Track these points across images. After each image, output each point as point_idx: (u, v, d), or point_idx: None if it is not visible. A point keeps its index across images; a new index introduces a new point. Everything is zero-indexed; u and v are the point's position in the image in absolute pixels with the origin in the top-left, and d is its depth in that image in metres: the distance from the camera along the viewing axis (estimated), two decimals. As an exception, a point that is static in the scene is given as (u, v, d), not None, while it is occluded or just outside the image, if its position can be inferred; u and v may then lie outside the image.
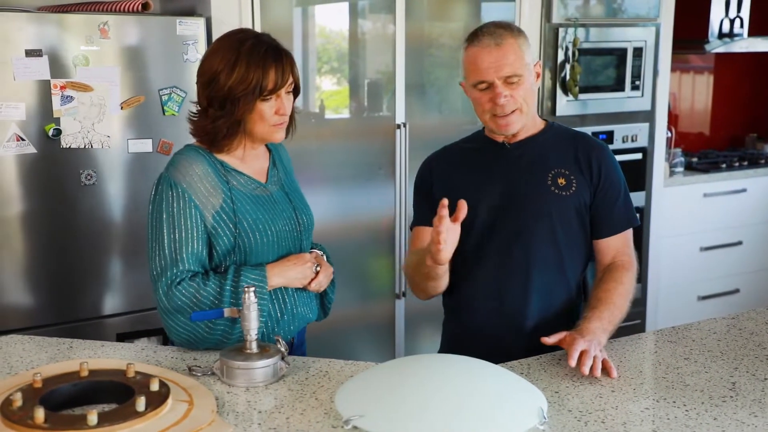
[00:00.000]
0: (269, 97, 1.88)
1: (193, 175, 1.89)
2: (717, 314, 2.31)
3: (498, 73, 1.95)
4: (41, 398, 1.52)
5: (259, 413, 1.58)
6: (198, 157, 1.92)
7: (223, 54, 1.87)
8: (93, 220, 2.89)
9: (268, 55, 1.87)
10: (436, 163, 2.16)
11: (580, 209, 2.04)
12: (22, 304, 2.84)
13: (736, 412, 1.58)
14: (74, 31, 2.77)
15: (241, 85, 1.84)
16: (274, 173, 2.05)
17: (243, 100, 1.86)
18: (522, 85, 1.96)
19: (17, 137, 2.73)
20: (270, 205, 1.98)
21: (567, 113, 3.84)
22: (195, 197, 1.88)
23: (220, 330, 1.87)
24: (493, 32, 1.97)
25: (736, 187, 4.56)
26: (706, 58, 5.13)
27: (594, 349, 1.77)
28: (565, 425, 1.52)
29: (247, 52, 1.85)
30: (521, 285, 2.02)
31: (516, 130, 2.03)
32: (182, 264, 1.86)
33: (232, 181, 1.93)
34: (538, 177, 2.03)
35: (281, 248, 1.98)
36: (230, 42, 1.89)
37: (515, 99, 1.97)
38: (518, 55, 1.95)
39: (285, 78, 1.88)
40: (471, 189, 2.04)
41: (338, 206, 3.50)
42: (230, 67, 1.85)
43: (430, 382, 1.55)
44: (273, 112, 1.90)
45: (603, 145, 2.13)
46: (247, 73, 1.84)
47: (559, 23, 3.78)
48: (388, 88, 3.50)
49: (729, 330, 2.06)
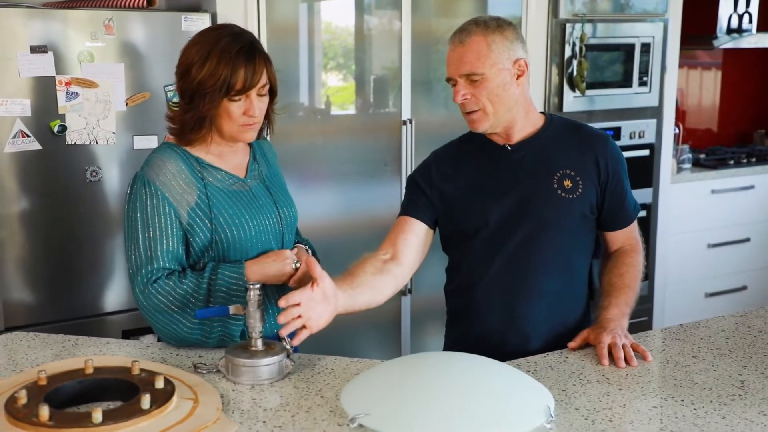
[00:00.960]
0: (237, 98, 1.86)
1: (166, 173, 1.88)
2: (724, 311, 2.30)
3: (458, 71, 1.93)
4: (46, 396, 1.51)
5: (265, 411, 1.58)
6: (172, 155, 1.92)
7: (199, 47, 1.86)
8: (98, 217, 2.89)
9: (241, 54, 1.84)
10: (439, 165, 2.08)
11: (588, 211, 2.01)
12: (28, 300, 2.84)
13: (745, 410, 1.57)
14: (79, 27, 2.77)
15: (209, 80, 1.83)
16: (254, 168, 2.04)
17: (209, 96, 1.84)
18: (485, 85, 1.91)
19: (22, 134, 2.72)
20: (248, 200, 1.97)
21: (574, 109, 3.82)
22: (168, 195, 1.87)
23: (198, 330, 1.87)
24: (464, 29, 1.95)
25: (743, 184, 4.53)
26: (714, 53, 5.10)
27: (620, 339, 1.83)
28: (572, 424, 1.51)
29: (220, 48, 1.84)
30: (528, 291, 2.00)
31: (485, 130, 1.98)
32: (157, 262, 1.85)
33: (207, 177, 1.92)
34: (544, 180, 1.99)
35: (261, 243, 1.97)
36: (209, 36, 1.89)
37: (477, 99, 1.93)
38: (482, 54, 1.90)
39: (255, 79, 1.86)
40: (476, 195, 2.01)
41: (344, 203, 3.49)
42: (202, 60, 1.84)
43: (436, 380, 1.54)
44: (241, 112, 1.88)
45: (605, 135, 2.09)
46: (216, 69, 1.83)
47: (567, 19, 3.76)
48: (394, 85, 3.49)
49: (737, 328, 2.05)
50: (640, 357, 1.82)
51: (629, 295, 2.00)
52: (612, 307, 1.95)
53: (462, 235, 2.05)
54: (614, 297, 1.98)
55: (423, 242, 2.05)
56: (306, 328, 1.69)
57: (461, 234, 2.05)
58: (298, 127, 3.33)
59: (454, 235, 2.08)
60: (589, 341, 1.89)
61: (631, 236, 2.12)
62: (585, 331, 1.91)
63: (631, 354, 1.80)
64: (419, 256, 2.05)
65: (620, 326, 1.89)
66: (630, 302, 1.99)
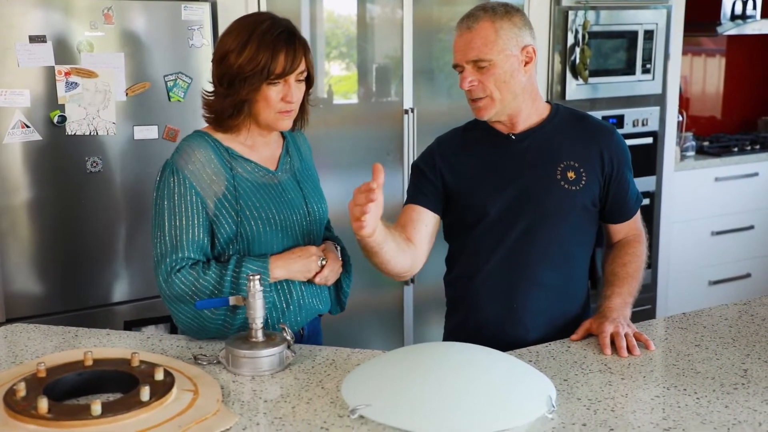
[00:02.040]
0: (277, 82, 1.86)
1: (195, 161, 1.88)
2: (728, 299, 2.29)
3: (465, 57, 1.91)
4: (45, 388, 1.51)
5: (265, 402, 1.57)
6: (203, 143, 1.91)
7: (237, 33, 1.86)
8: (98, 208, 2.88)
9: (281, 38, 1.84)
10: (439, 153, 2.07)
11: (590, 203, 2.00)
12: (30, 292, 2.83)
13: (748, 399, 1.56)
14: (78, 17, 2.75)
15: (249, 65, 1.83)
16: (286, 161, 2.03)
17: (249, 81, 1.84)
18: (492, 72, 1.90)
19: (22, 124, 2.71)
20: (277, 194, 1.95)
21: (577, 97, 3.80)
22: (197, 184, 1.86)
23: (221, 319, 1.86)
24: (471, 15, 1.92)
25: (747, 171, 4.52)
26: (718, 40, 5.07)
27: (623, 328, 1.83)
28: (574, 413, 1.50)
29: (260, 33, 1.84)
30: (527, 282, 1.99)
31: (490, 118, 1.97)
32: (182, 251, 1.84)
33: (237, 168, 1.91)
34: (548, 171, 1.98)
35: (288, 238, 1.95)
36: (246, 22, 1.89)
37: (484, 86, 1.91)
38: (489, 39, 1.88)
39: (295, 64, 1.86)
40: (479, 184, 2.00)
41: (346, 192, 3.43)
42: (241, 46, 1.84)
43: (437, 371, 1.53)
44: (279, 97, 1.87)
45: (610, 127, 2.08)
46: (256, 54, 1.82)
47: (569, 6, 3.73)
48: (396, 74, 3.48)
49: (740, 316, 2.04)
50: (642, 346, 1.81)
51: (632, 285, 2.00)
52: (615, 296, 1.95)
53: (463, 224, 2.04)
54: (617, 287, 1.98)
55: (432, 231, 2.04)
56: (363, 220, 1.76)
57: (462, 223, 2.04)
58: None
59: (456, 224, 2.07)
60: (591, 331, 1.89)
61: (634, 227, 2.12)
62: (587, 322, 1.90)
63: (634, 343, 1.80)
64: (429, 245, 2.04)
65: (623, 315, 1.89)
66: (633, 292, 1.99)
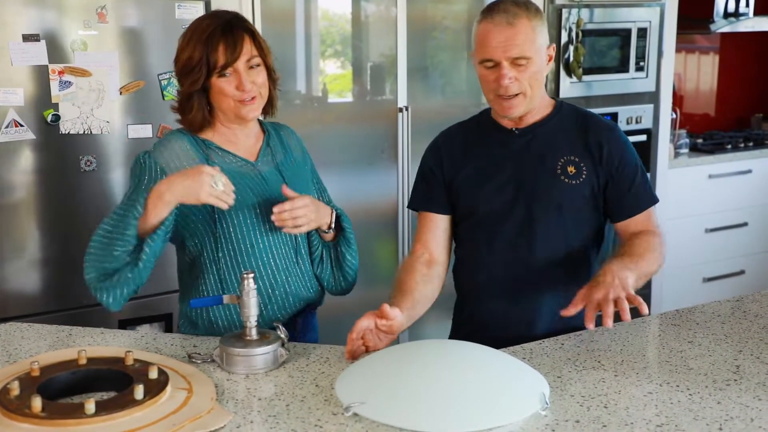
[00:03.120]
0: (225, 73, 1.90)
1: (170, 152, 1.93)
2: (722, 296, 2.29)
3: (506, 54, 1.90)
4: (39, 387, 1.51)
5: (259, 400, 1.57)
6: (181, 137, 1.97)
7: (184, 35, 1.94)
8: (93, 207, 2.87)
9: (216, 31, 1.89)
10: (444, 148, 2.10)
11: (591, 197, 1.99)
12: (24, 291, 2.83)
13: (741, 395, 1.57)
14: (72, 16, 2.75)
15: (189, 62, 1.90)
16: (267, 153, 2.04)
17: (191, 75, 1.90)
18: (529, 69, 1.91)
19: (15, 123, 2.71)
20: (256, 183, 1.96)
21: (571, 95, 3.81)
22: (168, 171, 1.88)
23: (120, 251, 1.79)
24: (508, 9, 1.91)
25: (741, 168, 4.52)
26: (712, 38, 5.08)
27: (613, 291, 1.66)
28: (567, 410, 1.51)
29: (199, 30, 1.90)
30: (530, 276, 2.00)
31: (519, 114, 1.98)
32: None
33: (213, 158, 1.94)
34: (548, 166, 1.99)
35: (270, 228, 1.95)
36: (194, 23, 1.96)
37: (520, 82, 1.92)
38: (530, 37, 1.89)
39: (237, 53, 1.89)
40: (482, 179, 2.02)
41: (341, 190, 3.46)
42: (185, 44, 1.91)
43: (431, 369, 1.54)
44: (233, 87, 1.91)
45: (612, 125, 2.08)
46: (194, 50, 1.89)
47: (563, 4, 3.74)
48: (390, 72, 3.48)
49: (733, 312, 2.05)
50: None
51: (638, 262, 1.81)
52: (615, 262, 1.79)
53: (467, 218, 2.06)
54: (618, 257, 1.85)
55: (449, 234, 2.11)
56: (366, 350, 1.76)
57: (466, 217, 2.07)
58: (295, 115, 3.31)
59: (460, 219, 2.09)
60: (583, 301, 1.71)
61: (647, 225, 2.00)
62: (579, 293, 1.73)
63: (625, 307, 1.63)
64: (450, 247, 2.12)
65: (618, 277, 1.70)
66: (637, 263, 1.80)
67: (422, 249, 2.06)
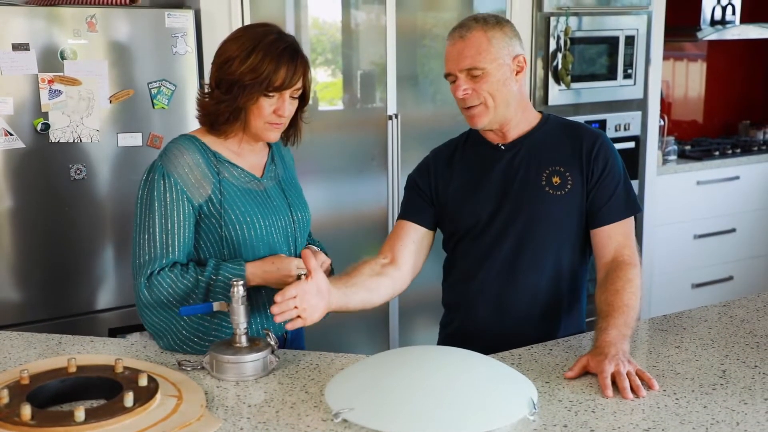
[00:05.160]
0: (272, 94, 1.88)
1: (183, 165, 1.89)
2: (711, 302, 2.30)
3: (458, 66, 1.93)
4: (28, 395, 1.51)
5: (249, 407, 1.58)
6: (190, 147, 1.92)
7: (244, 41, 1.88)
8: (83, 215, 2.88)
9: (285, 53, 1.87)
10: (433, 165, 2.11)
11: (577, 207, 2.00)
12: (14, 299, 2.83)
13: (726, 399, 1.58)
14: (62, 25, 2.75)
15: (251, 74, 1.85)
16: (272, 168, 2.04)
17: (248, 89, 1.86)
18: (487, 79, 1.92)
19: (5, 132, 2.71)
20: (262, 200, 1.97)
21: (559, 102, 3.83)
22: (186, 188, 1.88)
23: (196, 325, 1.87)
24: (464, 25, 1.95)
25: (729, 175, 4.56)
26: (699, 45, 5.12)
27: (623, 366, 1.65)
28: (555, 415, 1.52)
29: (266, 45, 1.87)
30: (519, 287, 2.01)
31: (485, 125, 1.99)
32: (172, 254, 1.86)
33: (223, 173, 1.93)
34: (533, 178, 2.00)
35: (272, 244, 1.96)
36: (254, 32, 1.91)
37: (478, 93, 1.93)
38: (483, 48, 1.91)
39: (294, 80, 1.88)
40: (470, 195, 2.03)
41: (331, 198, 3.49)
42: (246, 54, 1.86)
43: (419, 374, 1.54)
44: (272, 110, 1.90)
45: (598, 133, 2.08)
46: (260, 64, 1.85)
47: (551, 12, 3.76)
48: (380, 80, 3.49)
49: (720, 318, 2.06)
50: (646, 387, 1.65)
51: (629, 315, 1.81)
52: (611, 328, 1.76)
53: (456, 233, 2.08)
54: (612, 318, 1.79)
55: (421, 246, 2.08)
56: (301, 318, 1.70)
57: (456, 232, 2.08)
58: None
59: (450, 234, 2.10)
60: (588, 370, 1.70)
61: (625, 245, 1.96)
62: (583, 358, 1.72)
63: (638, 383, 1.62)
64: (419, 260, 2.07)
65: (621, 351, 1.70)
66: (630, 323, 1.80)
67: (387, 253, 2.05)
